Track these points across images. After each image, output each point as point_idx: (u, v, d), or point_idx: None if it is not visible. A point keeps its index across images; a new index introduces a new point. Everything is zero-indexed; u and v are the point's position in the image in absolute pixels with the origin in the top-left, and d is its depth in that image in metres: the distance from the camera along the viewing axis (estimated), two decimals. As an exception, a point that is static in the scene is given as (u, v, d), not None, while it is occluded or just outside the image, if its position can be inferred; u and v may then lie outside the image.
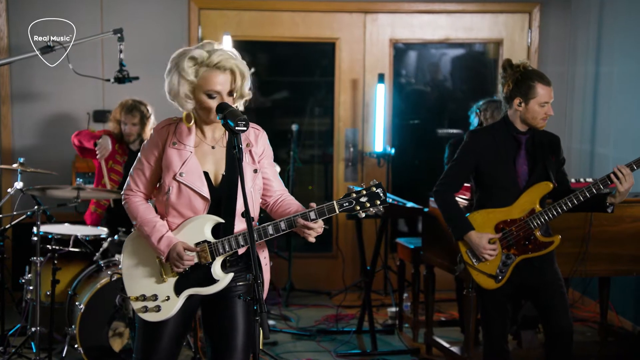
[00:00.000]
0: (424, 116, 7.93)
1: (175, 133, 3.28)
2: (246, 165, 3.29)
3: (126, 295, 3.36)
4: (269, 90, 7.77)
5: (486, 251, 4.21)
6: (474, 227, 4.23)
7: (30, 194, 5.44)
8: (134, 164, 3.39)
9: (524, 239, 4.22)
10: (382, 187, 3.28)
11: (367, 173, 7.45)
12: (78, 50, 6.24)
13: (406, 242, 6.03)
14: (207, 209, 3.25)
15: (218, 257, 3.25)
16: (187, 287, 3.29)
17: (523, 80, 4.18)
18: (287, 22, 7.29)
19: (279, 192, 3.46)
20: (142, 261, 3.37)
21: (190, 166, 3.23)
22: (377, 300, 7.00)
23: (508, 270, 4.25)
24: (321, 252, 7.60)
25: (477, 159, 4.26)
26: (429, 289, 5.71)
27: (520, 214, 4.22)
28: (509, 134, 4.24)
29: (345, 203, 3.21)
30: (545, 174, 4.22)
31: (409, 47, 7.67)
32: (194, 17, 7.13)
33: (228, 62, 3.19)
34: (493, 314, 4.36)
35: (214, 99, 3.19)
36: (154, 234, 3.26)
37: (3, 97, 6.86)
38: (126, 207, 3.39)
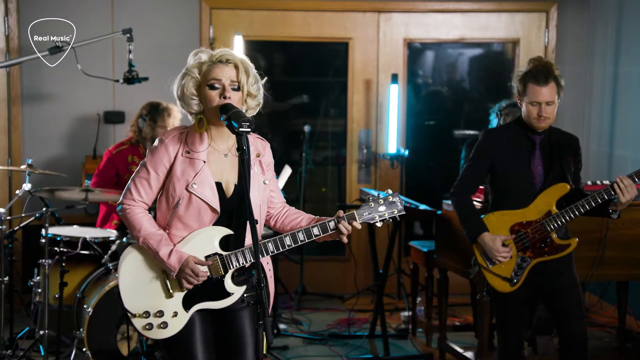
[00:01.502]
0: (440, 117, 7.87)
1: (187, 142, 3.22)
2: (257, 175, 3.27)
3: (127, 310, 3.23)
4: (280, 91, 7.74)
5: (499, 254, 4.16)
6: (488, 229, 4.19)
7: (38, 195, 5.44)
8: (137, 172, 3.27)
9: (540, 242, 4.18)
10: (399, 196, 3.31)
11: (380, 175, 7.41)
12: (88, 50, 6.25)
13: (419, 245, 5.98)
14: (215, 221, 3.20)
15: (230, 270, 3.20)
16: (197, 302, 3.21)
17: (522, 77, 4.18)
18: (300, 21, 7.26)
19: (281, 204, 3.45)
20: (144, 276, 3.25)
21: (202, 177, 3.17)
22: (391, 304, 6.96)
23: (523, 274, 4.20)
24: (334, 255, 7.57)
25: (492, 158, 4.23)
26: (442, 293, 5.67)
27: (536, 216, 4.18)
28: (523, 134, 4.20)
29: (365, 213, 3.25)
30: (561, 175, 4.17)
31: (424, 46, 7.63)
32: (205, 17, 7.11)
33: (231, 56, 3.19)
34: (508, 319, 4.31)
35: (216, 89, 3.15)
36: (161, 249, 3.15)
37: (13, 98, 6.87)
38: (125, 218, 3.26)
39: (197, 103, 3.22)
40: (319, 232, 3.22)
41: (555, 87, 4.12)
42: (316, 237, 3.23)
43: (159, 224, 3.27)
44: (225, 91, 3.15)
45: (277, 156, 7.35)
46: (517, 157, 4.20)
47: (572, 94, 7.28)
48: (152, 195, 3.27)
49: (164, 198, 3.24)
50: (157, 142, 3.25)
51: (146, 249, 3.21)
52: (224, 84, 3.16)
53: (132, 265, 3.26)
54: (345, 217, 3.22)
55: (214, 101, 3.15)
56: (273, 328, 6.04)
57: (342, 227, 3.21)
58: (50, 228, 5.53)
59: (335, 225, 3.22)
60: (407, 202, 5.66)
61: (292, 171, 6.16)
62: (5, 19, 6.78)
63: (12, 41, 6.81)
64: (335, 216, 3.24)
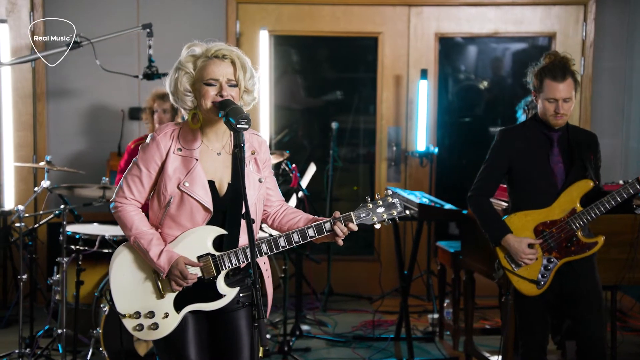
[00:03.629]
0: (476, 114, 7.77)
1: (179, 139, 3.17)
2: (252, 173, 3.22)
3: (118, 311, 3.20)
4: (308, 87, 7.70)
5: (526, 256, 4.08)
6: (511, 231, 4.10)
7: (57, 193, 5.46)
8: (129, 170, 3.24)
9: (566, 241, 4.09)
10: (398, 196, 3.25)
11: (410, 173, 7.32)
12: (113, 46, 6.30)
13: (447, 246, 5.88)
14: (208, 220, 3.15)
15: (222, 271, 3.15)
16: (188, 303, 3.16)
17: (538, 73, 4.10)
18: (328, 16, 7.21)
19: (278, 203, 3.40)
20: (136, 276, 3.21)
21: (194, 175, 3.12)
22: (419, 306, 6.88)
23: (550, 275, 4.12)
24: (362, 255, 7.51)
25: (510, 158, 4.16)
26: (468, 295, 5.57)
27: (560, 215, 4.09)
28: (540, 131, 4.11)
29: (362, 214, 3.20)
30: (583, 172, 4.08)
31: (458, 41, 7.51)
32: (231, 11, 7.09)
33: (227, 51, 3.13)
34: (532, 323, 4.23)
35: (213, 86, 3.10)
36: (152, 249, 3.12)
37: (38, 94, 6.92)
38: (117, 217, 3.23)
39: (192, 99, 3.16)
40: (314, 233, 3.16)
41: (572, 83, 4.03)
42: (312, 238, 3.17)
43: (152, 223, 3.23)
44: (223, 90, 3.10)
45: (307, 153, 7.43)
46: (536, 156, 4.11)
47: (611, 90, 7.13)
48: (145, 193, 3.22)
49: (156, 196, 3.20)
50: (149, 138, 3.21)
51: (137, 248, 3.18)
52: (221, 82, 3.10)
53: (124, 264, 3.23)
54: (342, 218, 3.16)
55: (210, 99, 3.10)
56: (296, 329, 5.99)
57: (337, 229, 3.14)
58: (71, 226, 5.56)
59: (331, 227, 3.15)
60: (433, 201, 5.58)
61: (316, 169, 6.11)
62: (31, 14, 6.83)
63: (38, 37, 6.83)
64: (331, 217, 3.18)
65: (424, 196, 5.71)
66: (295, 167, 5.72)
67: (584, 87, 7.10)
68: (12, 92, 6.71)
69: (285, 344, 5.58)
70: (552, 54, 4.13)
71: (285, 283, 5.79)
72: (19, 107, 6.84)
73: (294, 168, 5.71)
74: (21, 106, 6.87)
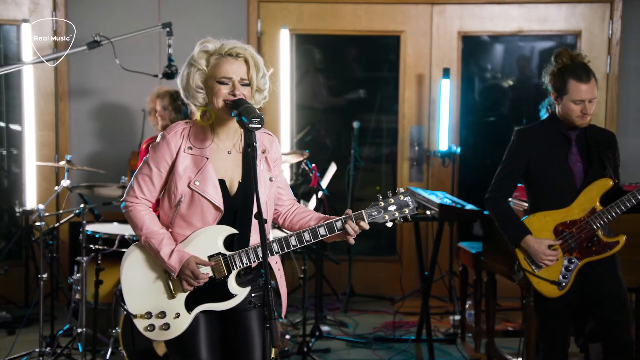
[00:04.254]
0: (500, 113, 7.72)
1: (189, 137, 3.17)
2: (263, 172, 3.21)
3: (129, 311, 3.21)
4: (330, 86, 7.70)
5: (546, 257, 4.05)
6: (530, 232, 4.07)
7: (77, 192, 5.49)
8: (139, 169, 3.24)
9: (587, 241, 4.06)
10: (410, 194, 3.22)
11: (432, 173, 7.29)
12: (134, 45, 6.32)
13: (468, 247, 5.85)
14: (218, 219, 3.15)
15: (234, 271, 3.15)
16: (200, 303, 3.16)
17: (558, 74, 4.06)
18: (350, 14, 7.20)
19: (289, 202, 3.39)
20: (147, 275, 3.21)
21: (205, 174, 3.12)
22: (442, 308, 6.85)
23: (571, 276, 4.09)
24: (384, 256, 7.50)
25: (527, 158, 4.13)
26: (490, 296, 5.53)
27: (580, 214, 4.06)
28: (557, 131, 4.08)
29: (374, 212, 3.18)
30: (602, 171, 4.04)
31: (481, 39, 7.47)
32: (253, 10, 7.10)
33: (241, 50, 3.12)
34: (553, 325, 4.20)
35: (226, 85, 3.09)
36: (163, 249, 3.12)
37: (60, 94, 6.97)
38: (128, 216, 3.23)
39: (203, 96, 3.16)
40: (325, 232, 3.15)
41: (595, 83, 4.02)
42: (323, 237, 3.16)
43: (162, 223, 3.23)
44: (235, 89, 3.09)
45: (329, 153, 7.42)
46: (553, 156, 4.08)
47: (637, 89, 7.07)
48: (155, 192, 3.23)
49: (166, 196, 3.20)
50: (159, 137, 3.21)
51: (148, 248, 3.18)
52: (234, 81, 3.10)
53: (135, 264, 3.23)
54: (353, 216, 3.14)
55: (223, 97, 3.10)
56: (316, 330, 5.99)
57: (348, 228, 3.13)
58: (91, 225, 5.60)
59: (342, 225, 3.14)
60: (454, 201, 5.55)
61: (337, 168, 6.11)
62: (53, 13, 6.89)
63: (60, 36, 6.89)
64: (343, 215, 3.17)
65: (445, 197, 5.68)
66: (314, 167, 5.72)
67: (610, 86, 7.04)
68: (34, 92, 6.78)
69: (305, 345, 5.58)
70: (563, 54, 4.08)
71: (305, 283, 5.79)
72: (41, 107, 6.90)
73: (313, 168, 5.71)
74: (43, 105, 6.92)
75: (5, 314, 6.39)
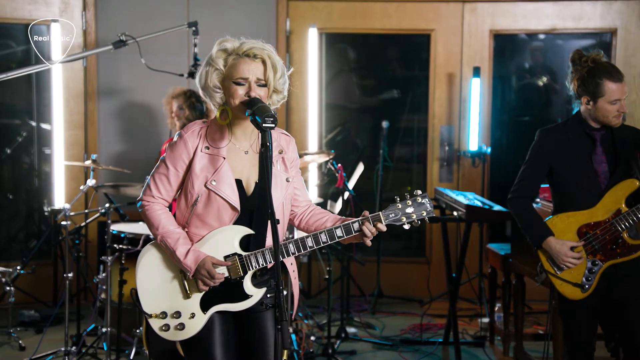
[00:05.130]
0: (534, 112, 7.65)
1: (206, 137, 3.19)
2: (279, 173, 3.22)
3: (144, 310, 3.24)
4: (361, 85, 7.69)
5: (568, 259, 4.00)
6: (552, 233, 4.03)
7: (103, 191, 5.55)
8: (156, 168, 3.26)
9: (611, 243, 4.01)
10: (428, 197, 3.22)
11: (462, 174, 7.25)
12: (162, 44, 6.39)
13: (497, 248, 5.81)
14: (235, 220, 3.16)
15: (249, 272, 3.16)
16: (215, 303, 3.17)
17: (590, 77, 4.00)
18: (379, 13, 7.19)
19: (306, 203, 3.40)
20: (162, 275, 3.23)
21: (222, 173, 3.13)
22: (471, 310, 6.81)
23: (595, 278, 4.04)
24: (413, 257, 7.47)
25: (550, 159, 4.09)
26: (518, 299, 5.49)
27: (604, 216, 4.01)
28: (582, 131, 4.04)
29: (391, 214, 3.18)
30: (628, 172, 3.99)
31: (514, 37, 7.41)
32: (282, 9, 7.13)
33: (259, 50, 3.13)
34: (578, 328, 4.14)
35: (242, 86, 3.11)
36: (178, 248, 3.13)
37: (90, 93, 7.06)
38: (144, 215, 3.25)
39: (221, 96, 3.18)
40: (342, 233, 3.15)
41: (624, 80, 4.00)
42: (339, 238, 3.16)
43: (179, 222, 3.24)
44: (251, 90, 3.11)
45: (359, 153, 7.42)
46: (577, 156, 4.03)
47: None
48: (172, 191, 3.24)
49: (183, 195, 3.21)
50: (176, 136, 3.23)
51: (164, 247, 3.20)
52: (250, 82, 3.11)
53: (150, 264, 3.25)
54: (370, 218, 3.14)
55: (239, 98, 3.11)
56: (341, 331, 5.98)
57: (365, 229, 3.13)
58: (116, 225, 5.66)
59: (359, 227, 3.14)
60: (481, 202, 5.52)
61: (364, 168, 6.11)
62: (83, 13, 6.97)
63: (89, 35, 6.99)
64: (360, 217, 3.16)
65: (476, 198, 5.65)
66: (340, 167, 5.71)
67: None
68: (64, 91, 6.86)
69: (330, 346, 5.58)
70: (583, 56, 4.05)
71: (329, 285, 5.79)
72: (71, 106, 6.99)
73: (339, 167, 5.70)
74: (72, 105, 7.01)
75: (34, 312, 6.47)
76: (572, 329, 4.15)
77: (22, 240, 7.35)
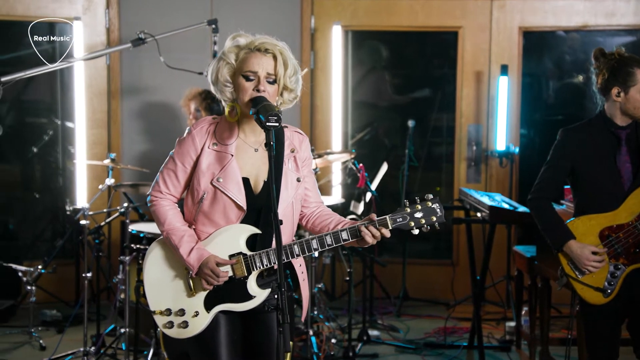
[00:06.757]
0: (567, 111, 7.55)
1: (215, 133, 3.19)
2: (290, 172, 3.21)
3: (149, 307, 3.25)
4: (388, 84, 7.64)
5: (590, 263, 3.94)
6: (574, 236, 3.96)
7: (122, 191, 5.57)
8: (165, 164, 3.28)
9: (635, 246, 3.95)
10: (439, 201, 3.17)
11: (490, 174, 7.18)
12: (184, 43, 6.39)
13: (523, 250, 5.74)
14: (242, 218, 3.15)
15: (254, 272, 3.15)
16: (219, 303, 3.17)
17: (620, 67, 3.94)
18: (406, 10, 7.14)
19: (315, 204, 3.38)
20: (168, 272, 3.24)
21: (229, 171, 3.13)
22: (499, 313, 6.74)
23: (617, 283, 3.98)
24: (440, 259, 7.41)
25: (572, 159, 4.03)
26: (544, 302, 5.41)
27: (628, 218, 3.95)
28: (606, 130, 3.96)
29: (398, 218, 3.14)
30: None
31: (545, 35, 7.32)
32: (307, 7, 7.11)
33: (271, 45, 3.12)
34: (600, 334, 4.07)
35: (251, 81, 3.11)
36: (182, 246, 3.14)
37: (113, 92, 7.09)
38: (152, 211, 3.27)
39: (231, 91, 3.18)
40: (347, 236, 3.13)
41: None
42: (345, 241, 3.14)
43: (186, 220, 3.25)
44: (260, 84, 3.10)
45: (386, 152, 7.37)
46: (601, 156, 3.97)
47: None
48: (180, 187, 3.25)
49: (190, 192, 3.22)
50: (185, 132, 3.25)
51: (169, 244, 3.21)
52: (260, 76, 3.11)
53: (157, 260, 3.27)
54: (377, 222, 3.11)
55: (247, 93, 3.11)
56: (363, 334, 5.95)
57: (367, 231, 3.10)
58: (136, 224, 5.68)
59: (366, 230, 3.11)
60: (508, 203, 5.45)
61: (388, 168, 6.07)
62: (106, 11, 7.00)
63: (113, 33, 7.02)
64: (366, 219, 3.13)
65: (503, 200, 5.59)
66: (362, 167, 5.67)
67: (681, 83, 6.80)
68: (87, 90, 6.91)
69: (350, 349, 5.55)
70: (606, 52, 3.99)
71: (350, 286, 5.75)
72: (94, 105, 7.03)
73: (361, 167, 5.66)
74: (96, 103, 7.05)
75: (56, 312, 6.53)
76: (594, 334, 4.08)
77: (49, 239, 7.41)
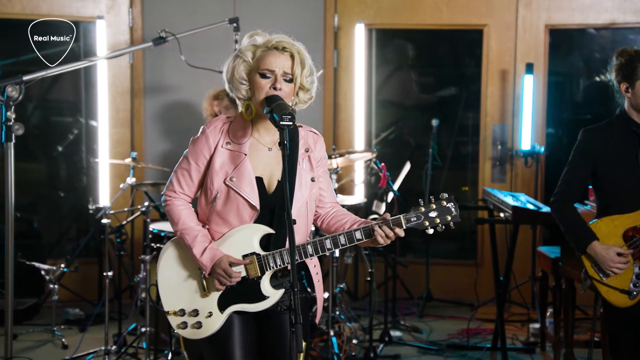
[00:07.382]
0: (596, 111, 7.45)
1: (229, 132, 3.19)
2: (305, 172, 3.20)
3: (162, 308, 3.25)
4: (414, 82, 7.60)
5: (615, 264, 3.88)
6: (597, 238, 3.91)
7: (143, 190, 5.58)
8: (179, 163, 3.28)
9: None
10: (454, 200, 3.15)
11: (515, 174, 7.11)
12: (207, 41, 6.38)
13: (548, 251, 5.67)
14: (255, 218, 3.14)
15: (267, 272, 3.14)
16: (232, 303, 3.16)
17: (626, 64, 3.93)
18: (430, 8, 7.09)
19: (330, 204, 3.35)
20: (182, 272, 3.24)
21: (242, 170, 3.12)
22: (524, 315, 6.67)
23: None
24: (464, 260, 7.35)
25: (594, 160, 3.98)
26: (568, 304, 5.34)
27: None
28: (627, 129, 3.90)
29: (412, 218, 3.12)
30: None
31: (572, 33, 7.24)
32: (330, 5, 7.09)
33: (288, 44, 3.12)
34: (625, 337, 4.01)
35: (267, 78, 3.09)
36: (196, 246, 3.13)
37: (136, 91, 7.10)
38: (166, 211, 3.27)
39: (247, 89, 3.16)
40: (361, 236, 3.11)
41: None
42: (359, 241, 3.12)
43: (200, 219, 3.25)
44: (277, 82, 3.09)
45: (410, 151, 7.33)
46: (622, 156, 3.91)
47: None
48: (194, 187, 3.25)
49: (203, 192, 3.22)
50: (200, 131, 3.24)
51: (182, 244, 3.20)
52: (277, 75, 3.09)
53: (170, 261, 3.27)
54: (390, 221, 3.08)
55: (263, 91, 3.09)
56: (385, 335, 5.92)
57: (381, 232, 3.08)
58: (157, 223, 5.68)
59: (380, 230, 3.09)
60: (531, 203, 5.40)
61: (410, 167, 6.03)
62: (130, 10, 7.02)
63: (136, 32, 7.04)
64: (380, 219, 3.11)
65: (529, 201, 5.53)
66: (384, 166, 5.64)
67: None
68: (110, 89, 6.94)
69: (372, 350, 5.52)
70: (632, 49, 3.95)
71: (371, 287, 5.72)
72: (117, 104, 7.05)
73: (382, 167, 5.63)
74: (119, 102, 7.07)
75: (79, 311, 6.56)
76: (619, 337, 4.02)
77: (73, 237, 7.45)
